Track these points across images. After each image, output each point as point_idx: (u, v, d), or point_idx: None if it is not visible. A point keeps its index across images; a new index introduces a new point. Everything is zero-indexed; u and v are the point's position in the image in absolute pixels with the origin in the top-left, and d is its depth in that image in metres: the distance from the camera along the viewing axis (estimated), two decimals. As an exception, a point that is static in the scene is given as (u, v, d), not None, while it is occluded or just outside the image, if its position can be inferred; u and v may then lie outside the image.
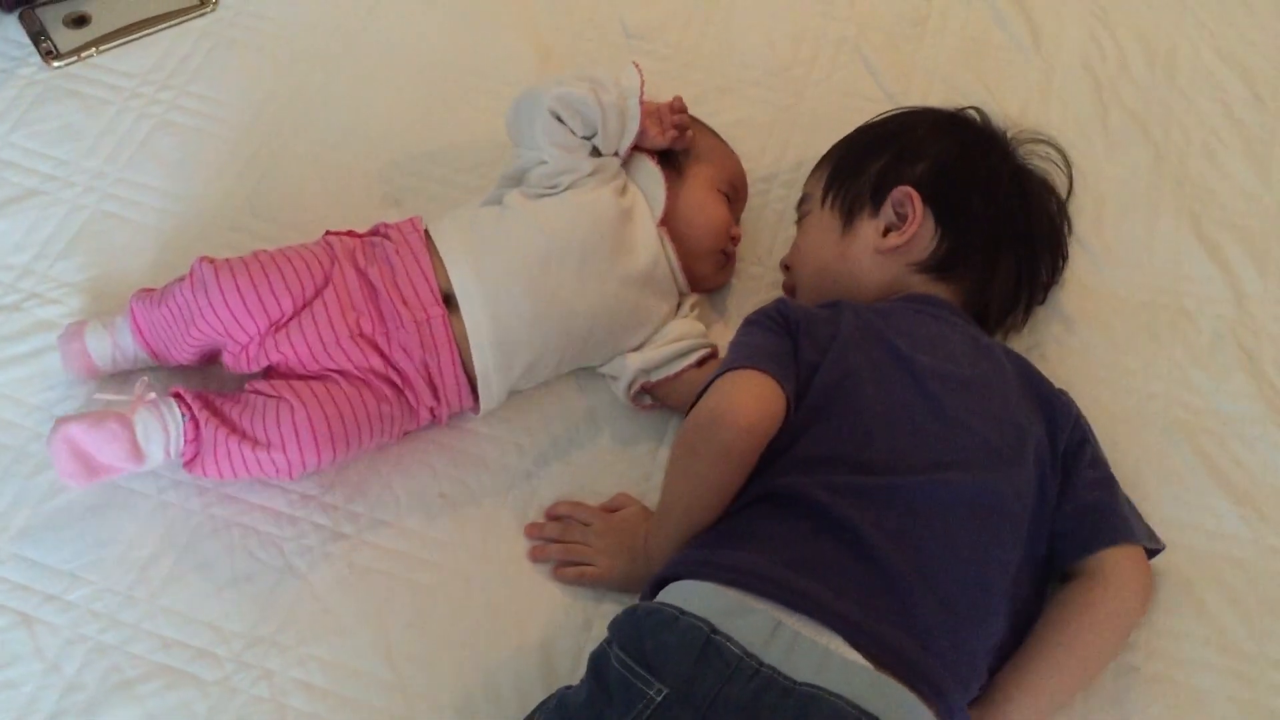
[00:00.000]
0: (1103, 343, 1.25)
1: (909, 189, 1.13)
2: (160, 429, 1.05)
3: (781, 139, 1.40)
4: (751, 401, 0.99)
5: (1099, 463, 1.07)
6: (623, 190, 1.18)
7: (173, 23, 1.42)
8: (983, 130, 1.21)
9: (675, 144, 1.21)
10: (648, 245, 1.17)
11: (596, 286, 1.13)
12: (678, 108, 1.22)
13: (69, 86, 1.36)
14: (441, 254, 1.12)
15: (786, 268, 1.26)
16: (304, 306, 1.09)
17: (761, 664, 0.86)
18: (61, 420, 1.03)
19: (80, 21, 1.40)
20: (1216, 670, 1.06)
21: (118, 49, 1.39)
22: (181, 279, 1.10)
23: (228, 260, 1.09)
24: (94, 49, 1.38)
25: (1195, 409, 1.21)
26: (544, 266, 1.12)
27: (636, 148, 1.20)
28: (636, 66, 1.20)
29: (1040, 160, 1.23)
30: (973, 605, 0.94)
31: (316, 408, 1.06)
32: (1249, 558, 1.12)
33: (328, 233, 1.16)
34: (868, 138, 1.22)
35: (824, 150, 1.26)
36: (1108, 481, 1.07)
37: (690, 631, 0.88)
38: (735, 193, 1.25)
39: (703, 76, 1.45)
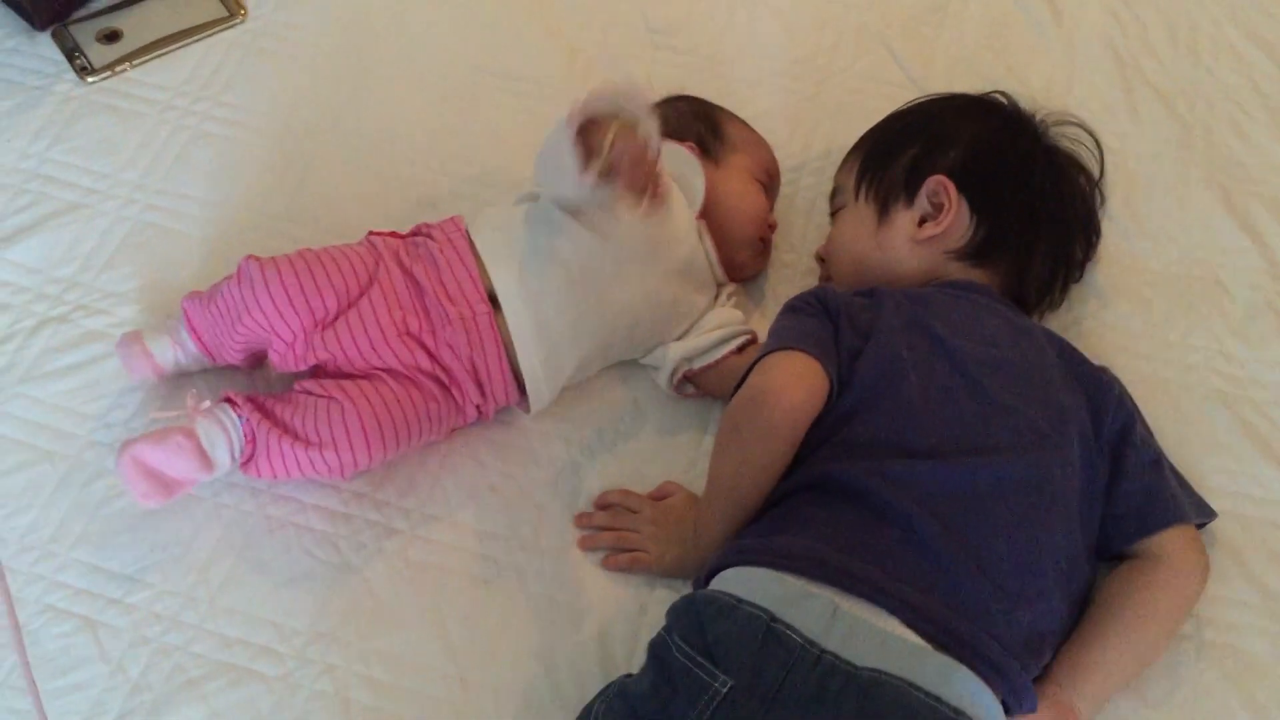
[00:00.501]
0: (1139, 317, 1.26)
1: (943, 178, 1.14)
2: (222, 433, 1.06)
3: (808, 128, 1.41)
4: (795, 381, 1.00)
5: (1147, 444, 1.08)
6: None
7: (204, 35, 1.43)
8: (1012, 114, 1.22)
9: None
10: (685, 237, 1.18)
11: (637, 283, 1.14)
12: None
13: (104, 101, 1.38)
14: (483, 260, 1.13)
15: (822, 260, 1.27)
16: (349, 305, 1.10)
17: (823, 651, 0.87)
18: (126, 443, 1.05)
19: (113, 37, 1.42)
20: (1270, 636, 1.07)
21: (151, 62, 1.41)
22: (230, 277, 1.12)
23: (274, 258, 1.11)
24: (127, 63, 1.40)
25: (1235, 379, 1.22)
26: (584, 267, 1.13)
27: (671, 137, 1.22)
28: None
29: (1069, 141, 1.24)
30: (1025, 585, 0.94)
31: (366, 407, 1.07)
32: (1296, 524, 1.13)
33: (371, 233, 1.17)
34: (897, 127, 1.23)
35: (852, 137, 1.26)
36: (1157, 462, 1.07)
37: (750, 621, 0.88)
38: (771, 181, 1.26)
39: (727, 69, 1.46)
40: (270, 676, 1.03)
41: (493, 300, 1.12)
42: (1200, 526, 1.08)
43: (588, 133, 1.00)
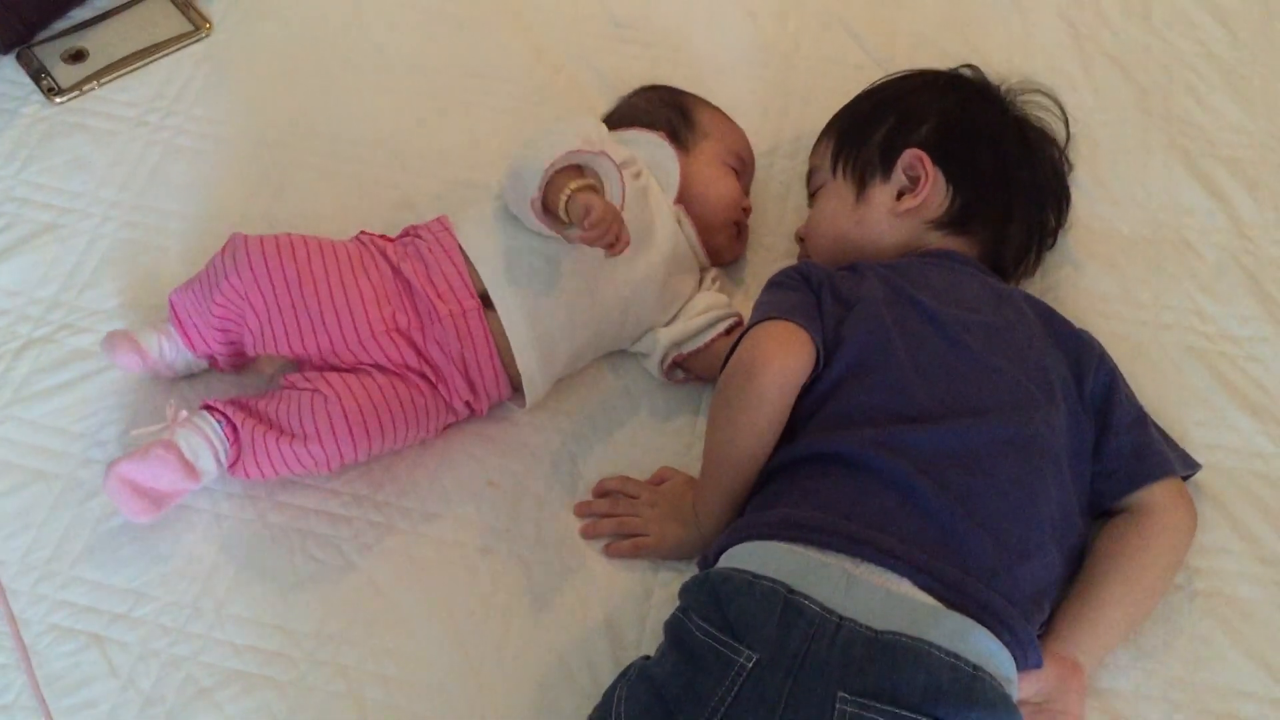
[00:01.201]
0: (1112, 280, 1.29)
1: (918, 151, 1.16)
2: (203, 440, 1.07)
3: (778, 113, 1.43)
4: (782, 347, 1.02)
5: (1131, 401, 1.10)
6: (636, 174, 1.20)
7: (170, 50, 1.43)
8: (978, 86, 1.24)
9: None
10: (665, 224, 1.19)
11: (625, 273, 1.15)
12: None
13: (74, 121, 1.37)
14: (471, 259, 1.14)
15: (802, 239, 1.29)
16: (329, 290, 1.10)
17: (842, 618, 0.88)
18: (110, 464, 1.05)
19: (78, 56, 1.42)
20: (1260, 581, 1.10)
21: (118, 80, 1.41)
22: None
23: (260, 235, 1.13)
24: (95, 82, 1.40)
25: (1208, 335, 1.25)
26: (571, 260, 1.14)
27: (643, 126, 1.24)
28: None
29: (1035, 109, 1.26)
30: (1024, 541, 0.96)
31: (350, 399, 1.07)
32: (1275, 472, 1.16)
33: (362, 232, 1.18)
34: (868, 105, 1.25)
35: (821, 120, 1.28)
36: (1141, 419, 1.10)
37: (768, 595, 0.90)
38: (743, 165, 1.28)
39: (693, 59, 1.48)
40: (283, 681, 1.03)
41: (482, 299, 1.13)
42: (1185, 478, 1.11)
43: (553, 185, 1.07)
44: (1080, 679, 1.00)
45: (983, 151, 1.18)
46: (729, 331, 1.18)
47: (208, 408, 1.09)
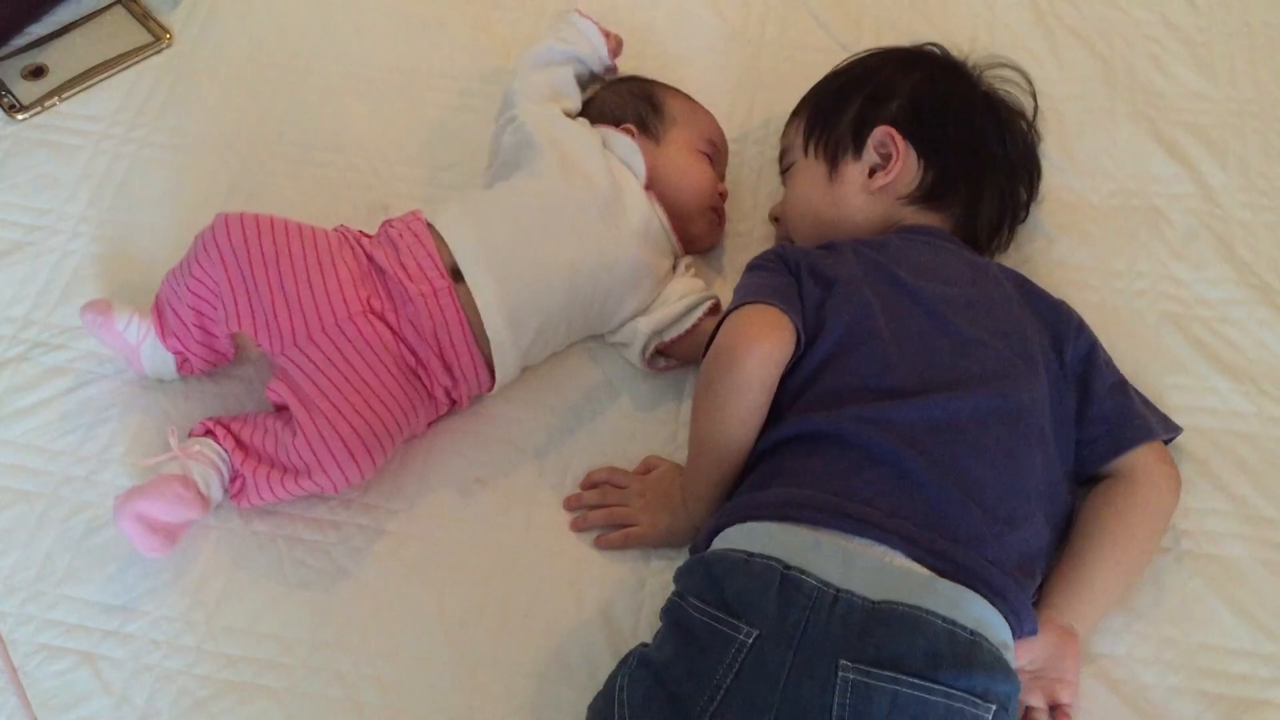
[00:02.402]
0: (1085, 250, 1.30)
1: (888, 128, 1.16)
2: (214, 472, 1.07)
3: (747, 100, 1.43)
4: (762, 331, 1.02)
5: (1109, 368, 1.11)
6: (604, 155, 1.20)
7: (131, 62, 1.42)
8: (945, 62, 1.25)
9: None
10: (637, 204, 1.19)
11: (596, 243, 1.16)
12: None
13: (38, 137, 1.36)
14: (443, 234, 1.14)
15: (776, 220, 1.29)
16: (305, 272, 1.10)
17: (839, 590, 0.89)
18: (122, 500, 1.04)
19: (38, 73, 1.40)
20: (1245, 539, 1.11)
21: (80, 94, 1.39)
22: None
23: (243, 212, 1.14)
24: (56, 97, 1.38)
25: (1182, 299, 1.26)
26: (543, 230, 1.14)
27: (611, 120, 1.24)
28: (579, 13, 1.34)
29: (1001, 84, 1.27)
30: (1011, 509, 0.97)
31: (342, 423, 1.05)
32: (1255, 431, 1.17)
33: (341, 226, 1.19)
34: (837, 84, 1.25)
35: (790, 104, 1.29)
36: (1121, 385, 1.11)
37: (764, 571, 0.90)
38: (716, 151, 1.28)
39: (660, 51, 1.48)
40: (278, 689, 1.03)
41: (453, 275, 1.13)
42: (1167, 442, 1.12)
43: None
44: (1075, 646, 1.01)
45: (953, 126, 1.19)
46: (710, 314, 1.18)
47: (209, 433, 1.09)
